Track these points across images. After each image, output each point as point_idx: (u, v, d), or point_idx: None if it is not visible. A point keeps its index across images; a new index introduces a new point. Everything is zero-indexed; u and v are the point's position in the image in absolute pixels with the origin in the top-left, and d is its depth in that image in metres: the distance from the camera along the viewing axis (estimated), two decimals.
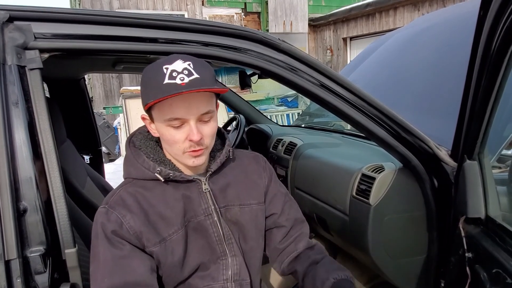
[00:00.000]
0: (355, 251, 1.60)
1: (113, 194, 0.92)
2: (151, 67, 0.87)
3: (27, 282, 0.80)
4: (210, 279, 0.96)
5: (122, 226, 0.87)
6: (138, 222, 0.88)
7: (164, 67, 0.84)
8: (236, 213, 1.00)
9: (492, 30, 0.86)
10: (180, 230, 0.92)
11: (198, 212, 0.95)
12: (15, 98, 0.83)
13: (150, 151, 0.95)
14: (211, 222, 0.96)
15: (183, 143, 0.88)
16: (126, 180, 0.96)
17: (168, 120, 0.85)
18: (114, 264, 0.85)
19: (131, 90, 6.18)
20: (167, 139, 0.89)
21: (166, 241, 0.90)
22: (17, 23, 0.85)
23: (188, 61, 0.85)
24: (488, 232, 1.05)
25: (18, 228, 0.80)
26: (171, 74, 0.82)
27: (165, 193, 0.93)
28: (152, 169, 0.91)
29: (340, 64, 8.85)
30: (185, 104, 0.84)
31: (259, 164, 1.10)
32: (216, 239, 0.96)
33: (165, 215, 0.91)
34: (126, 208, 0.89)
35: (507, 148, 1.46)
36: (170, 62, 0.84)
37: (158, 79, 0.83)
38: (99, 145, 2.26)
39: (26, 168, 0.82)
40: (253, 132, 2.65)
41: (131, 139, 0.99)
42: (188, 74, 0.83)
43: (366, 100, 1.17)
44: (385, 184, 1.35)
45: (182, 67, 0.83)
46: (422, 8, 6.62)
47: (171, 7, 8.17)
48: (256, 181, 1.06)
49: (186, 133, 0.87)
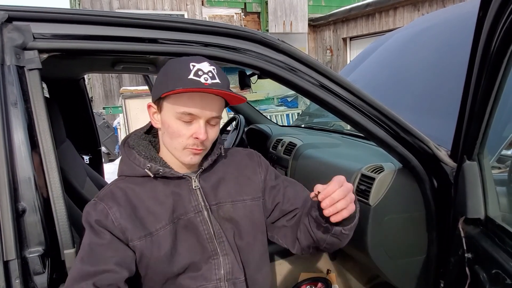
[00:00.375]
0: (354, 251, 1.60)
1: (104, 189, 0.95)
2: (177, 60, 0.91)
3: (26, 282, 0.80)
4: (203, 279, 0.96)
5: (108, 217, 0.88)
6: (124, 215, 0.89)
7: (191, 64, 0.87)
8: (228, 210, 1.00)
9: (491, 31, 0.86)
10: (168, 225, 0.93)
11: (188, 209, 0.95)
12: (14, 99, 0.83)
13: (142, 149, 0.97)
14: (201, 220, 0.96)
15: (187, 139, 0.90)
16: (119, 178, 0.99)
17: (181, 113, 0.88)
18: (90, 250, 0.85)
19: (131, 90, 6.18)
20: (172, 131, 0.90)
21: (153, 235, 0.91)
22: (16, 23, 0.85)
23: (213, 66, 0.90)
24: (488, 233, 1.05)
25: (17, 229, 0.80)
26: (196, 72, 0.86)
27: (155, 189, 0.95)
28: (142, 165, 0.93)
29: (340, 64, 8.85)
30: (202, 103, 0.88)
31: (253, 160, 1.10)
32: (206, 236, 0.96)
33: (154, 210, 0.93)
34: (114, 200, 0.91)
35: (507, 148, 1.46)
36: (198, 61, 0.89)
37: (183, 72, 0.86)
38: (99, 145, 2.26)
39: (25, 168, 0.82)
40: (253, 132, 2.65)
41: (126, 140, 1.01)
42: (212, 77, 0.87)
43: (365, 101, 1.17)
44: (384, 185, 1.35)
45: (208, 69, 0.88)
46: (422, 8, 6.62)
47: (171, 7, 8.17)
48: (250, 177, 1.06)
49: (193, 131, 0.89)
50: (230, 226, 1.00)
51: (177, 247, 0.94)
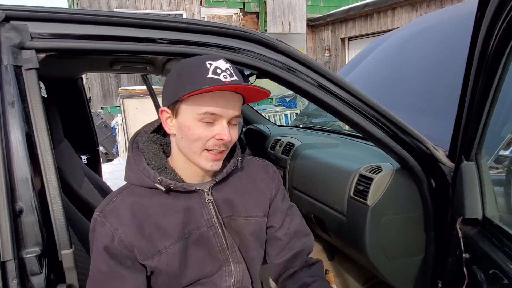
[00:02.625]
0: (352, 251, 1.60)
1: (109, 201, 0.90)
2: (192, 60, 0.86)
3: (23, 283, 0.79)
4: (212, 286, 0.94)
5: (114, 240, 0.85)
6: (130, 235, 0.86)
7: (208, 63, 0.83)
8: (241, 225, 0.97)
9: (489, 31, 0.87)
10: (177, 243, 0.89)
11: (200, 224, 0.92)
12: (11, 98, 0.83)
13: (152, 157, 0.92)
14: (214, 233, 0.93)
15: (208, 140, 0.85)
16: (126, 185, 0.93)
17: (203, 114, 0.83)
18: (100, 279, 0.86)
19: (129, 90, 6.17)
20: (192, 134, 0.85)
21: (162, 254, 0.88)
22: (14, 22, 0.84)
23: (228, 63, 0.86)
24: (485, 233, 1.05)
25: (14, 229, 0.79)
26: (215, 70, 0.82)
27: (165, 203, 0.90)
28: (152, 178, 0.88)
29: (339, 64, 8.85)
30: (224, 102, 0.84)
31: (268, 173, 1.06)
32: (219, 248, 0.94)
33: (162, 226, 0.89)
34: (119, 220, 0.86)
35: (505, 148, 1.46)
36: (214, 59, 0.85)
37: (201, 72, 0.82)
38: (97, 145, 2.25)
39: (22, 168, 0.82)
40: (251, 132, 2.65)
41: (135, 139, 0.95)
42: (230, 74, 0.83)
43: (363, 101, 1.17)
44: (382, 185, 1.35)
45: (225, 67, 0.84)
46: (420, 8, 6.64)
47: (169, 7, 8.16)
48: (263, 191, 1.03)
49: (216, 132, 0.85)
50: (238, 238, 0.98)
51: (187, 262, 0.91)
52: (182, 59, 0.90)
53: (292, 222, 1.07)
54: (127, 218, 0.87)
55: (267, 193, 1.04)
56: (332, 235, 1.72)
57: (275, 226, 1.05)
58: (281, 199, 1.07)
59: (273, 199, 1.05)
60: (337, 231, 1.61)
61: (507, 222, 1.06)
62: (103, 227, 0.86)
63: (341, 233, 1.57)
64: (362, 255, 1.45)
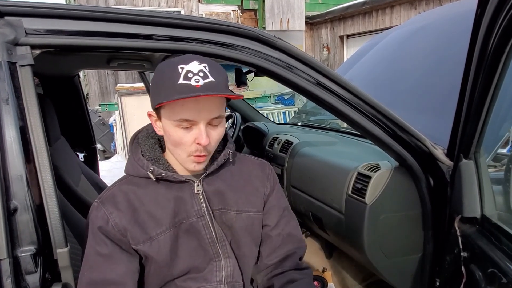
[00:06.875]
0: (350, 249, 1.60)
1: (108, 190, 0.95)
2: (166, 65, 0.85)
3: (17, 282, 0.78)
4: (203, 281, 0.95)
5: (108, 223, 0.89)
6: (124, 220, 0.89)
7: (180, 67, 0.81)
8: (231, 218, 0.98)
9: (489, 29, 0.86)
10: (168, 230, 0.92)
11: (190, 214, 0.94)
12: (5, 95, 0.81)
13: (147, 149, 0.95)
14: (203, 224, 0.95)
15: (190, 146, 0.86)
16: (124, 176, 0.97)
17: (178, 121, 0.84)
18: (95, 260, 0.88)
19: (127, 87, 6.14)
20: (173, 140, 0.87)
21: (153, 240, 0.91)
22: (8, 18, 0.83)
23: (204, 63, 0.83)
24: (484, 232, 1.05)
25: (9, 228, 0.78)
26: (186, 74, 0.80)
27: (157, 192, 0.93)
28: (145, 168, 0.91)
29: (337, 62, 8.85)
30: (197, 107, 0.82)
31: (264, 171, 1.07)
32: (208, 240, 0.95)
33: (155, 214, 0.91)
34: (115, 205, 0.90)
35: (503, 147, 1.46)
36: (186, 62, 0.82)
37: (172, 78, 0.81)
38: (94, 142, 2.24)
39: (16, 166, 0.81)
40: (249, 130, 2.64)
41: (137, 135, 0.99)
42: (203, 77, 0.81)
43: (362, 99, 1.16)
44: (381, 183, 1.35)
45: (198, 69, 0.81)
46: (419, 6, 6.63)
47: (167, 4, 8.13)
48: (258, 188, 1.03)
49: (195, 136, 0.85)
50: (229, 233, 0.98)
51: (178, 251, 0.93)
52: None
53: (288, 224, 1.07)
54: (122, 204, 0.91)
55: (261, 191, 1.04)
56: (330, 233, 1.72)
57: (270, 224, 1.05)
58: (277, 199, 1.07)
59: (268, 197, 1.05)
60: (335, 229, 1.61)
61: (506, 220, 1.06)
62: (99, 211, 0.90)
63: (339, 231, 1.57)
64: (360, 253, 1.45)
